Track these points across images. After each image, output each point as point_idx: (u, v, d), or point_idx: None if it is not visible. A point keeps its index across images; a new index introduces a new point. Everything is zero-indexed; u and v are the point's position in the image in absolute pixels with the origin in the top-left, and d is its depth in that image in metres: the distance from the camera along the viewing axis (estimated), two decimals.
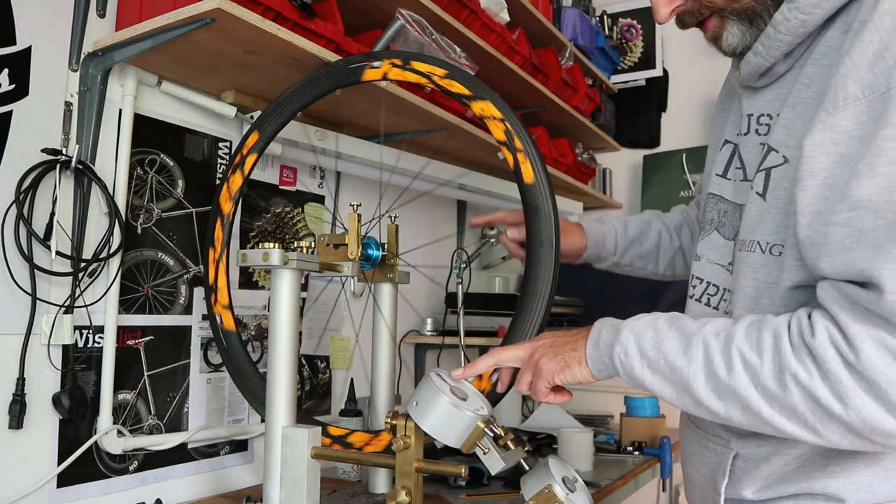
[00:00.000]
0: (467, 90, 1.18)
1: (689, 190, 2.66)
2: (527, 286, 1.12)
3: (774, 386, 0.72)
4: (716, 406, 0.77)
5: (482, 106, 1.18)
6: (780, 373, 0.72)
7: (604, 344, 0.88)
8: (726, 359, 0.75)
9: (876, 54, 0.70)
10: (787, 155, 0.82)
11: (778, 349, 0.72)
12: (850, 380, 0.68)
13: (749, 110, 0.92)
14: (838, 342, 0.69)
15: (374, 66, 1.24)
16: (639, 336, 0.84)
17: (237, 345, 1.34)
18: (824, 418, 0.70)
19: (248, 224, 1.66)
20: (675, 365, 0.79)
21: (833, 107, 0.72)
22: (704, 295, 0.96)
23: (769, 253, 0.83)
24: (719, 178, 0.97)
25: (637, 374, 0.83)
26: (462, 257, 2.00)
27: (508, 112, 1.16)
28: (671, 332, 0.81)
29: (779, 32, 0.82)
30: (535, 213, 1.13)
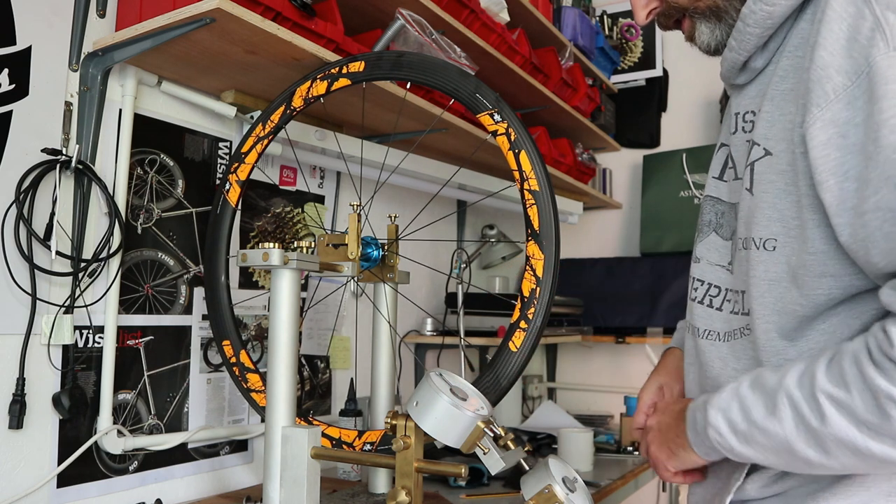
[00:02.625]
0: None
1: (689, 190, 2.66)
2: None
3: (875, 417, 0.66)
4: (826, 461, 0.71)
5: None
6: (876, 400, 0.65)
7: (700, 428, 0.84)
8: (815, 407, 0.69)
9: (849, 39, 0.71)
10: (767, 147, 0.82)
11: (864, 376, 0.66)
12: None
13: (736, 109, 0.92)
14: (880, 364, 0.64)
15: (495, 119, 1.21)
16: (726, 411, 0.79)
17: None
18: (880, 447, 0.65)
19: (248, 224, 1.66)
20: (769, 431, 0.74)
21: (825, 101, 0.72)
22: (706, 297, 0.95)
23: (763, 248, 0.82)
24: (716, 180, 0.97)
25: (738, 451, 0.79)
26: (462, 257, 2.01)
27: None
28: (755, 396, 0.76)
29: (747, 26, 0.84)
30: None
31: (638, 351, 2.80)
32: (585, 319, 2.66)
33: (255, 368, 1.39)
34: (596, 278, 2.77)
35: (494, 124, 1.19)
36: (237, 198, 1.41)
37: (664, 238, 2.70)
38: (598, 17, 2.93)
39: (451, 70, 1.23)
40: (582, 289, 2.73)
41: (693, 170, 2.67)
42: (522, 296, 1.15)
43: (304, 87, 1.36)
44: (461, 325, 1.99)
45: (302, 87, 1.36)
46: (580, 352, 2.94)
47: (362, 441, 1.29)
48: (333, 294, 1.87)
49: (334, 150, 1.70)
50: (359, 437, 1.29)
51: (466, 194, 2.31)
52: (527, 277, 1.15)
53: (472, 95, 1.21)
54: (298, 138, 1.61)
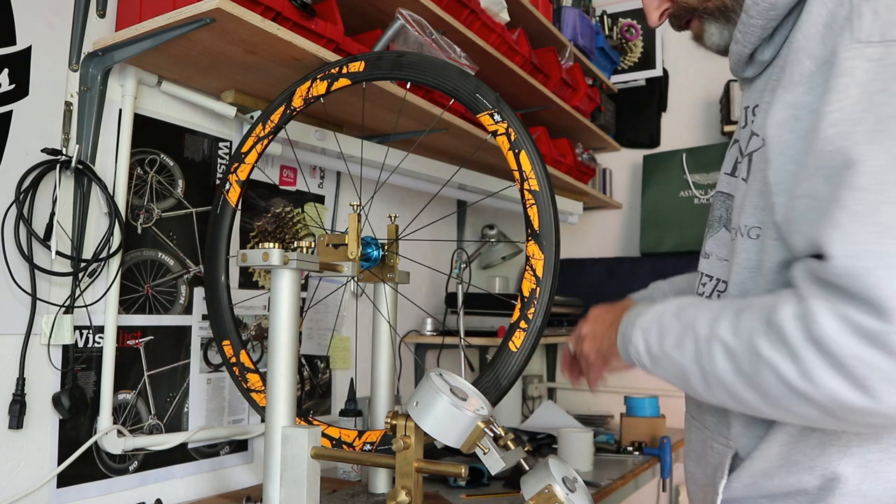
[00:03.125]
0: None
1: (689, 190, 2.66)
2: None
3: (750, 369, 0.71)
4: (709, 395, 0.78)
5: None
6: (752, 356, 0.71)
7: (624, 342, 0.90)
8: (709, 349, 0.75)
9: (825, 26, 0.72)
10: (764, 137, 0.82)
11: (752, 332, 0.71)
12: (812, 354, 0.66)
13: (745, 103, 0.93)
14: (800, 317, 0.67)
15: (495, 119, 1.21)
16: (646, 333, 0.85)
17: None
18: (796, 398, 0.68)
19: (248, 224, 1.66)
20: (673, 358, 0.80)
21: (790, 83, 0.74)
22: (714, 292, 0.96)
23: (748, 236, 0.83)
24: (727, 176, 0.97)
25: (651, 371, 0.85)
26: (462, 257, 2.01)
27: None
28: (672, 322, 0.82)
29: (751, 18, 0.84)
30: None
31: None
32: None
33: (255, 368, 1.39)
34: (596, 278, 2.77)
35: (494, 124, 1.19)
36: (237, 198, 1.41)
37: (664, 238, 2.70)
38: (598, 17, 2.93)
39: (451, 70, 1.23)
40: (582, 289, 2.73)
41: (693, 170, 2.67)
42: (522, 296, 1.15)
43: (304, 87, 1.36)
44: (461, 325, 1.99)
45: (302, 87, 1.36)
46: None
47: (362, 441, 1.29)
48: (333, 294, 1.87)
49: (334, 150, 1.70)
50: (359, 437, 1.29)
51: (466, 194, 2.31)
52: (527, 277, 1.15)
53: (472, 95, 1.21)
54: (298, 138, 1.61)
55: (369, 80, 1.31)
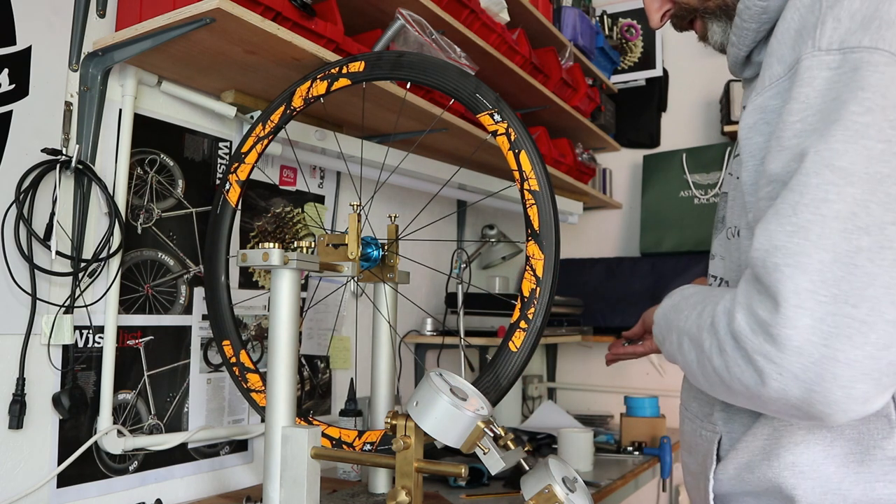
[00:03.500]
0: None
1: (689, 190, 2.66)
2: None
3: (700, 360, 0.76)
4: (694, 383, 0.82)
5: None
6: (699, 349, 0.75)
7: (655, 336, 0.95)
8: (679, 342, 0.81)
9: (797, 32, 0.73)
10: (750, 136, 0.84)
11: (700, 326, 0.76)
12: (731, 347, 0.69)
13: (744, 103, 0.94)
14: (727, 311, 0.70)
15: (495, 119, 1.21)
16: (657, 324, 0.91)
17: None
18: (725, 388, 0.72)
19: (248, 224, 1.66)
20: (664, 348, 0.87)
21: (761, 87, 0.76)
22: None
23: (735, 237, 0.86)
24: (731, 177, 0.98)
25: (665, 357, 0.91)
26: (462, 257, 2.01)
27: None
28: (670, 315, 0.87)
29: (743, 21, 0.85)
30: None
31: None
32: (585, 319, 2.66)
33: (255, 368, 1.39)
34: (596, 278, 2.77)
35: (494, 124, 1.19)
36: (237, 198, 1.41)
37: (664, 238, 2.69)
38: (598, 17, 2.93)
39: (451, 70, 1.23)
40: (582, 289, 2.73)
41: (693, 170, 2.67)
42: (522, 296, 1.15)
43: (304, 87, 1.36)
44: (461, 325, 1.99)
45: (302, 87, 1.36)
46: (580, 352, 2.94)
47: (362, 441, 1.29)
48: (333, 294, 1.87)
49: (334, 150, 1.70)
50: (359, 437, 1.29)
51: (466, 194, 2.31)
52: (527, 277, 1.15)
53: (472, 95, 1.21)
54: (298, 138, 1.61)
55: (369, 80, 1.31)
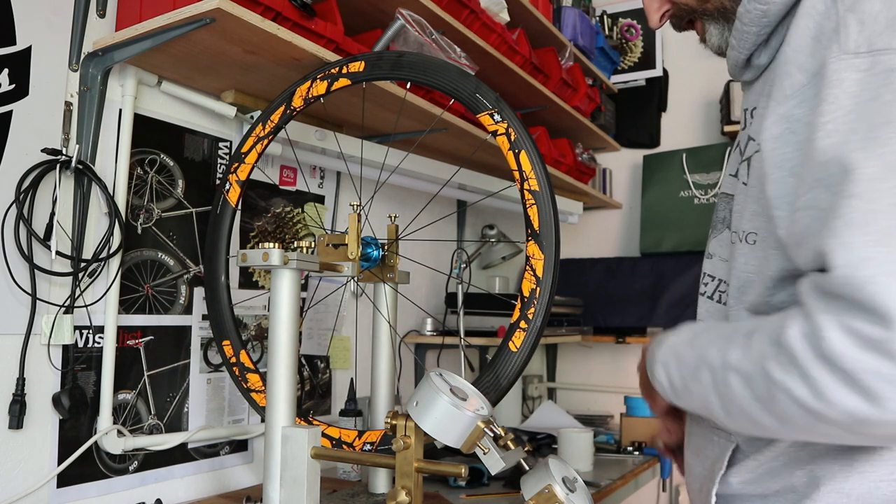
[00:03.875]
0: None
1: (689, 190, 2.66)
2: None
3: (766, 394, 0.70)
4: (733, 424, 0.77)
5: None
6: (766, 380, 0.69)
7: (651, 375, 0.89)
8: (724, 377, 0.74)
9: (814, 39, 0.73)
10: (761, 142, 0.81)
11: (762, 355, 0.70)
12: (823, 373, 0.64)
13: (745, 105, 0.93)
14: (808, 335, 0.66)
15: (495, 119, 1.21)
16: (666, 366, 0.85)
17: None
18: (813, 418, 0.67)
19: (248, 224, 1.66)
20: (693, 391, 0.80)
21: (782, 97, 0.75)
22: (716, 292, 0.95)
23: (745, 242, 0.83)
24: (731, 177, 0.97)
25: (678, 403, 0.85)
26: (462, 257, 2.01)
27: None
28: (688, 352, 0.81)
29: (744, 24, 0.84)
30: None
31: (638, 351, 2.80)
32: (585, 319, 2.66)
33: (255, 368, 1.39)
34: (596, 278, 2.77)
35: (494, 124, 1.19)
36: (237, 198, 1.41)
37: (664, 238, 2.69)
38: (598, 17, 2.93)
39: (451, 70, 1.23)
40: (582, 289, 2.73)
41: (693, 170, 2.67)
42: (522, 296, 1.15)
43: (304, 87, 1.36)
44: (461, 325, 1.99)
45: (302, 87, 1.36)
46: (580, 352, 2.94)
47: (362, 441, 1.29)
48: (333, 294, 1.87)
49: (334, 150, 1.70)
50: (359, 437, 1.29)
51: (466, 194, 2.31)
52: (527, 277, 1.15)
53: (472, 95, 1.21)
54: (298, 138, 1.61)
55: (369, 80, 1.31)
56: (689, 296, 2.55)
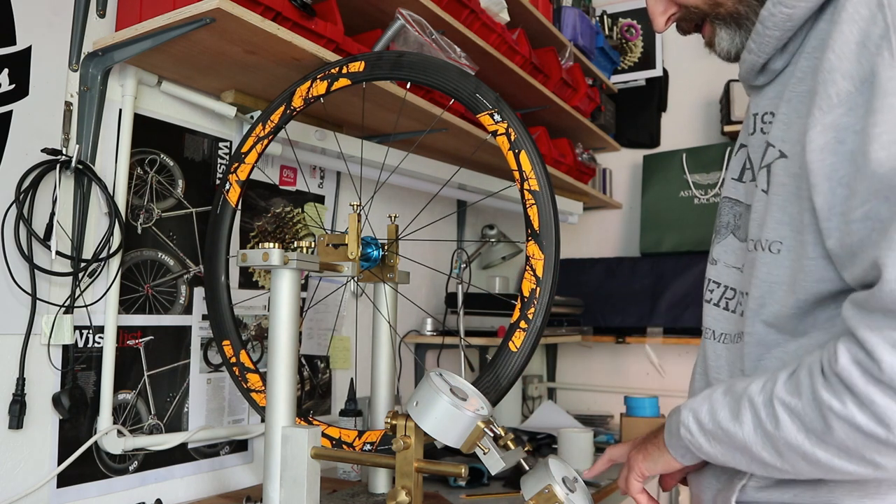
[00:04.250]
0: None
1: (689, 190, 2.66)
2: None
3: (820, 427, 0.68)
4: (782, 464, 0.74)
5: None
6: (821, 412, 0.68)
7: (674, 429, 0.87)
8: (770, 413, 0.73)
9: (859, 45, 0.70)
10: (783, 150, 0.81)
11: (813, 389, 0.69)
12: (882, 397, 0.62)
13: (755, 110, 0.91)
14: (861, 359, 0.64)
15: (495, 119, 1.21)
16: (696, 412, 0.83)
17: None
18: (876, 447, 0.65)
19: (248, 224, 1.66)
20: (731, 432, 0.77)
21: (828, 105, 0.72)
22: (722, 299, 0.94)
23: (768, 251, 0.82)
24: (734, 181, 0.96)
25: (706, 450, 0.82)
26: (462, 257, 2.01)
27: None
28: (724, 399, 0.80)
29: (766, 28, 0.83)
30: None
31: (638, 351, 2.80)
32: (585, 319, 2.66)
33: (255, 368, 1.39)
34: (596, 278, 2.77)
35: (494, 124, 1.19)
36: (237, 198, 1.41)
37: (664, 238, 2.69)
38: (598, 17, 2.93)
39: (451, 70, 1.23)
40: (582, 289, 2.73)
41: (693, 170, 2.67)
42: (522, 296, 1.15)
43: (304, 87, 1.36)
44: (461, 325, 1.99)
45: (302, 87, 1.36)
46: (580, 352, 2.94)
47: (362, 441, 1.29)
48: (333, 294, 1.87)
49: (334, 150, 1.70)
50: (359, 437, 1.29)
51: (466, 194, 2.31)
52: (527, 277, 1.15)
53: (472, 95, 1.21)
54: (298, 138, 1.61)
55: (369, 80, 1.31)
56: (689, 296, 2.55)
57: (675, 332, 2.57)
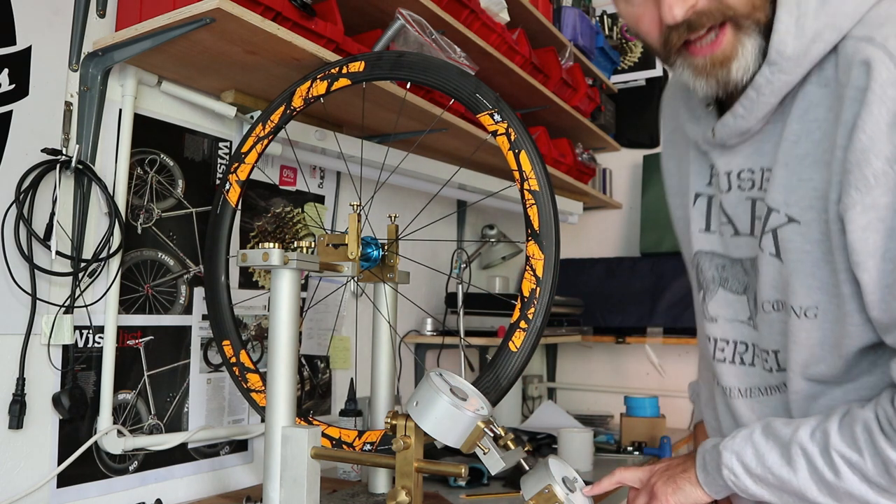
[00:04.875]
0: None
1: None
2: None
3: (885, 481, 0.74)
4: None
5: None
6: (886, 468, 0.74)
7: (711, 467, 0.91)
8: (829, 463, 0.78)
9: (889, 125, 0.71)
10: (790, 214, 0.82)
11: (874, 444, 0.75)
12: None
13: (727, 168, 0.91)
14: None
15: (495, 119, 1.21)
16: (740, 455, 0.87)
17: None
18: None
19: (248, 224, 1.66)
20: (783, 477, 0.82)
21: (866, 186, 0.73)
22: (736, 355, 0.96)
23: (804, 316, 0.83)
24: (704, 233, 0.97)
25: (752, 491, 0.87)
26: (462, 257, 2.01)
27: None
28: (768, 443, 0.85)
29: (762, 95, 0.82)
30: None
31: (638, 351, 2.80)
32: (585, 319, 2.66)
33: (255, 368, 1.39)
34: (596, 278, 2.77)
35: (494, 124, 1.19)
36: (237, 198, 1.41)
37: (664, 238, 2.69)
38: (598, 17, 2.93)
39: (451, 70, 1.23)
40: (582, 289, 2.73)
41: None
42: (522, 296, 1.15)
43: (304, 87, 1.36)
44: (461, 325, 1.99)
45: (302, 87, 1.36)
46: (580, 352, 2.94)
47: (362, 441, 1.29)
48: (333, 294, 1.87)
49: (334, 150, 1.70)
50: (359, 437, 1.29)
51: (466, 194, 2.31)
52: (527, 277, 1.15)
53: (472, 95, 1.21)
54: (298, 138, 1.61)
55: (369, 80, 1.31)
56: (689, 296, 2.52)
57: (675, 332, 2.57)
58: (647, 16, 0.83)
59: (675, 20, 0.79)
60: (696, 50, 0.82)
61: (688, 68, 0.84)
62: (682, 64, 0.85)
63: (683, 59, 0.84)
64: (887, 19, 0.75)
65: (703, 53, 0.82)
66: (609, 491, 1.08)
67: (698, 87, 0.85)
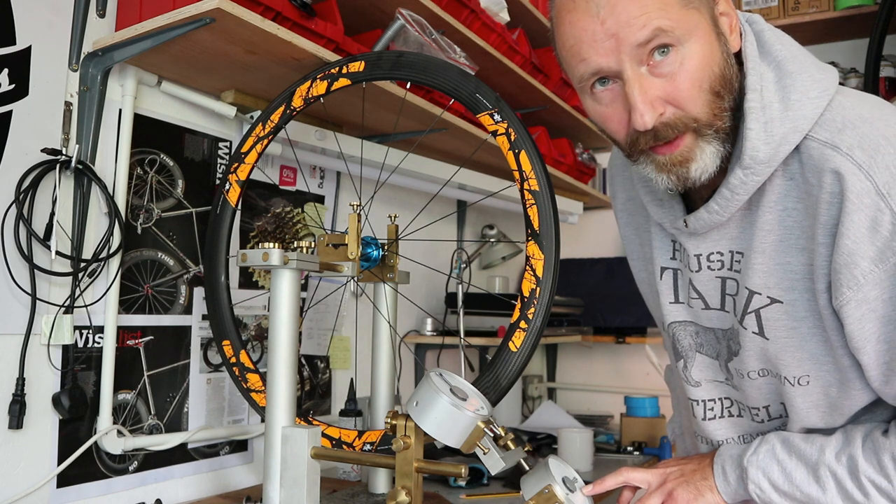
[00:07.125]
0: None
1: None
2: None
3: None
4: None
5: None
6: None
7: (733, 479, 0.97)
8: (859, 486, 0.86)
9: (870, 229, 0.80)
10: (772, 296, 0.90)
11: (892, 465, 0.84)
12: None
13: (696, 251, 0.97)
14: None
15: (495, 119, 1.21)
16: (766, 471, 0.93)
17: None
18: None
19: (248, 224, 1.66)
20: (812, 496, 0.89)
21: (855, 284, 0.81)
22: (724, 411, 1.04)
23: (798, 384, 0.92)
24: (674, 304, 1.04)
25: (777, 503, 0.93)
26: (462, 257, 2.01)
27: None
28: (793, 461, 0.92)
29: (736, 194, 0.87)
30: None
31: (638, 351, 2.80)
32: (585, 319, 2.66)
33: (255, 368, 1.39)
34: (596, 278, 2.77)
35: (494, 124, 1.19)
36: (237, 198, 1.41)
37: None
38: None
39: (451, 70, 1.23)
40: (582, 289, 2.73)
41: None
42: (522, 296, 1.15)
43: (304, 87, 1.36)
44: (461, 325, 1.99)
45: (302, 87, 1.36)
46: (580, 352, 2.94)
47: (362, 441, 1.29)
48: (333, 294, 1.87)
49: (334, 150, 1.70)
50: (359, 437, 1.29)
51: (466, 194, 2.31)
52: (527, 277, 1.15)
53: (472, 95, 1.21)
54: (298, 138, 1.61)
55: (369, 80, 1.31)
56: None
57: None
58: (616, 118, 0.86)
59: (646, 127, 0.82)
60: (659, 149, 0.86)
61: (650, 164, 0.88)
62: (644, 161, 0.89)
63: (647, 157, 0.88)
64: (843, 125, 0.82)
65: (664, 152, 0.86)
66: (611, 490, 1.09)
67: (660, 181, 0.89)
